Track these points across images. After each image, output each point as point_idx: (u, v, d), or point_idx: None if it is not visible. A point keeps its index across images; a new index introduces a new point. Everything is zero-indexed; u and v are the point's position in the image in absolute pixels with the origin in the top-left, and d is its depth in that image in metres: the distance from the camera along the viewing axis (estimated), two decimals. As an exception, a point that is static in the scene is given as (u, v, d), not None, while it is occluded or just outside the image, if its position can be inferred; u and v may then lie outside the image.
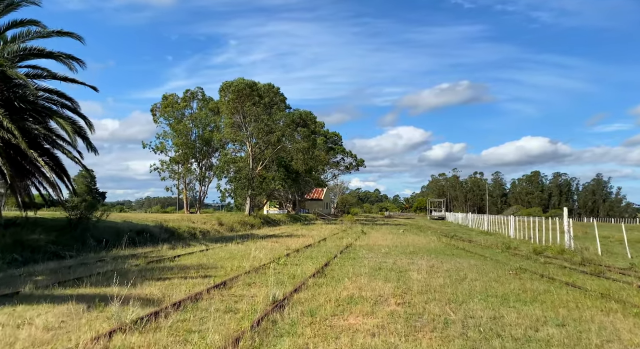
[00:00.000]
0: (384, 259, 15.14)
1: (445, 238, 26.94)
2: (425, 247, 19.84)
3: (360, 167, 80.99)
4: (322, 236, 26.30)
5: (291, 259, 14.62)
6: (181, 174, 52.47)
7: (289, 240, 22.36)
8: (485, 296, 8.91)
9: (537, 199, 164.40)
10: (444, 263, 14.25)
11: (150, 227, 23.82)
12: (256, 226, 38.83)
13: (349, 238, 24.49)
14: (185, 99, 51.98)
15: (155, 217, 32.48)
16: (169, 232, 25.16)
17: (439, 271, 12.34)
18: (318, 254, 15.91)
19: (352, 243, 21.45)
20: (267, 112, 40.38)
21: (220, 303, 7.90)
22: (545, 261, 15.77)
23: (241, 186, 40.48)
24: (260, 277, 10.69)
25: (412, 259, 15.37)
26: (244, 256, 14.62)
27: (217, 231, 31.28)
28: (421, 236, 28.72)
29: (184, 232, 26.51)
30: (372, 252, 17.45)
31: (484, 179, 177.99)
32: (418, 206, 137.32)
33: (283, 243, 20.45)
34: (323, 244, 20.60)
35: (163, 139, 52.30)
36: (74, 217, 18.38)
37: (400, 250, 18.29)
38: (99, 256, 15.13)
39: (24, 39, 16.44)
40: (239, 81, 38.62)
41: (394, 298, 8.48)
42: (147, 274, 10.79)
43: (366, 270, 12.18)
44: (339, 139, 77.83)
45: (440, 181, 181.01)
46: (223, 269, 11.82)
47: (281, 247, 18.44)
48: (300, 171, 45.84)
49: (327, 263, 13.48)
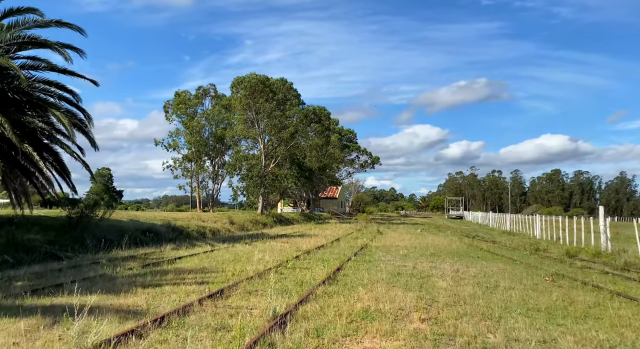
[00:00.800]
0: (402, 262, 13.81)
1: (466, 239, 25.41)
2: (447, 249, 18.41)
3: (375, 165, 79.58)
4: (335, 236, 25.05)
5: (300, 262, 13.39)
6: (194, 172, 51.74)
7: (301, 240, 21.15)
8: (526, 310, 7.54)
9: (558, 197, 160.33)
10: (470, 267, 12.85)
11: (157, 227, 22.90)
12: (268, 225, 37.79)
13: (364, 238, 23.17)
14: (198, 96, 51.18)
15: (166, 215, 31.64)
16: (177, 231, 24.23)
17: (466, 277, 10.97)
18: (330, 257, 14.66)
19: (368, 244, 20.14)
20: (280, 108, 39.26)
21: (212, 317, 6.71)
22: (582, 265, 14.22)
23: (253, 184, 39.46)
24: (263, 283, 9.48)
25: (433, 262, 14.00)
26: (250, 258, 13.45)
27: (228, 230, 30.30)
28: (441, 236, 27.22)
29: (192, 232, 25.57)
30: (390, 254, 16.13)
31: (502, 178, 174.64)
32: (435, 205, 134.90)
33: (294, 244, 19.26)
34: (336, 245, 19.34)
35: (176, 137, 51.66)
36: (74, 216, 17.49)
37: (420, 252, 16.91)
38: (96, 257, 14.14)
39: (20, 28, 15.56)
40: (251, 77, 37.56)
41: (417, 312, 7.18)
42: (138, 280, 9.68)
43: (383, 276, 10.87)
44: (353, 137, 76.48)
45: (458, 179, 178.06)
46: (224, 274, 10.66)
47: (291, 248, 17.24)
48: (314, 169, 44.60)
49: (339, 266, 12.21)
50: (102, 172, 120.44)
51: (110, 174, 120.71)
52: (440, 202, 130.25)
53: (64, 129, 14.84)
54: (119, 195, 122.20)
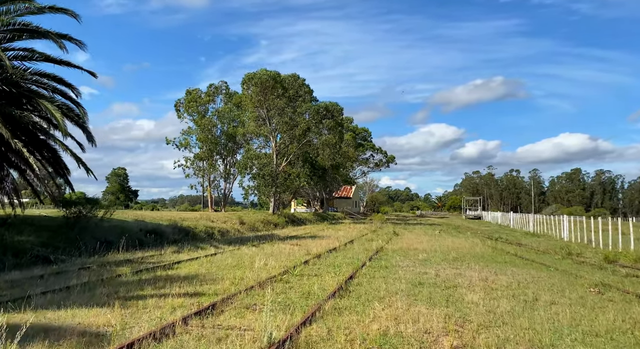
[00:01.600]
0: (423, 268, 12.43)
1: (489, 241, 23.83)
2: (470, 253, 16.93)
3: (390, 164, 77.84)
4: (349, 237, 23.71)
5: (309, 268, 12.11)
6: (205, 171, 50.91)
7: (312, 242, 19.87)
8: (582, 335, 6.12)
9: (578, 197, 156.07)
10: (500, 275, 11.41)
11: (162, 227, 21.88)
12: (280, 225, 36.62)
13: (380, 240, 21.79)
14: (209, 94, 50.33)
15: (175, 215, 30.71)
16: (183, 232, 23.19)
17: (498, 288, 9.55)
18: (343, 262, 13.34)
19: (384, 247, 18.77)
20: (291, 104, 38.04)
21: (196, 342, 5.47)
22: (627, 272, 12.64)
23: (264, 183, 38.34)
24: (264, 295, 8.22)
25: (458, 268, 12.59)
26: (254, 264, 12.20)
27: (238, 231, 29.22)
28: (461, 237, 25.65)
29: (200, 232, 24.52)
30: (408, 258, 14.74)
31: (520, 177, 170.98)
32: (452, 205, 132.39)
33: (304, 246, 17.99)
34: (350, 248, 18.01)
35: (187, 135, 50.93)
36: (72, 216, 16.51)
37: (441, 256, 15.48)
38: (90, 261, 13.08)
39: (12, 15, 14.61)
40: (262, 72, 36.42)
41: (447, 337, 5.83)
42: (121, 290, 8.52)
43: (403, 286, 9.53)
44: (368, 135, 74.91)
45: (475, 178, 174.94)
46: (222, 283, 9.43)
47: (301, 251, 15.97)
48: (327, 167, 43.27)
49: (352, 274, 10.90)
50: (118, 172, 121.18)
51: (125, 174, 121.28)
52: (457, 202, 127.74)
53: (56, 122, 13.80)
54: (134, 194, 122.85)
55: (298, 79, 37.23)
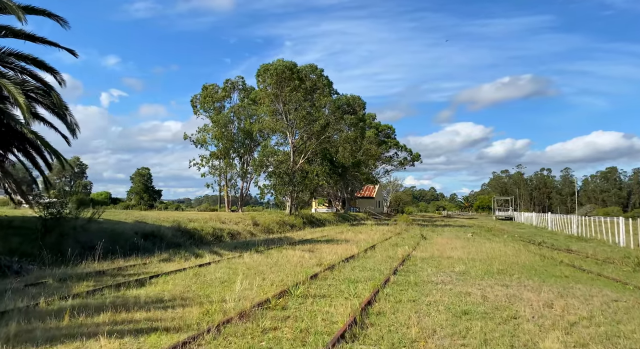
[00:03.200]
0: (463, 285, 9.68)
1: (532, 246, 20.71)
2: (516, 262, 14.02)
3: (415, 163, 74.37)
4: (370, 241, 21.03)
5: (317, 284, 9.53)
6: (221, 169, 48.95)
7: (327, 248, 17.27)
8: None
9: (614, 197, 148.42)
10: (568, 297, 8.56)
11: (162, 230, 19.69)
12: (297, 226, 34.18)
13: (406, 246, 19.02)
14: (226, 89, 48.28)
15: (184, 216, 28.64)
16: (187, 234, 20.99)
17: (577, 321, 6.75)
18: (361, 276, 10.72)
19: (411, 254, 16.02)
20: (309, 98, 35.54)
21: None
22: None
23: (281, 181, 35.97)
24: (243, 334, 5.70)
25: (507, 285, 9.79)
26: (249, 278, 9.73)
27: (250, 233, 26.93)
28: (498, 242, 22.56)
29: (206, 235, 22.29)
30: (442, 270, 12.00)
31: (552, 176, 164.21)
32: (480, 205, 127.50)
33: (318, 252, 15.44)
34: (370, 255, 15.34)
35: (204, 133, 49.03)
36: (50, 218, 14.41)
37: (483, 267, 12.65)
38: (54, 273, 10.87)
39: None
40: (278, 63, 34.05)
41: None
42: (39, 329, 6.12)
43: (441, 317, 6.84)
44: (391, 132, 71.71)
45: (503, 178, 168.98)
46: (193, 310, 6.96)
47: (312, 260, 13.40)
48: (347, 165, 40.59)
49: (372, 296, 8.26)
50: (142, 172, 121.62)
51: (149, 174, 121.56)
52: (485, 202, 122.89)
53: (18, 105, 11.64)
54: (158, 194, 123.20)
55: (316, 70, 34.67)
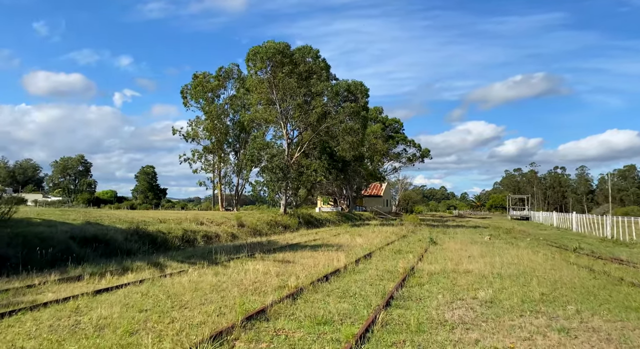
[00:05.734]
0: (496, 331, 5.91)
1: (568, 253, 16.75)
2: (558, 279, 10.17)
3: (425, 159, 70.20)
4: (368, 246, 17.27)
5: (264, 327, 5.82)
6: (215, 165, 45.47)
7: (309, 258, 13.50)
8: None
9: (633, 196, 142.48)
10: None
11: (111, 233, 16.11)
12: (291, 227, 30.47)
13: (411, 254, 15.22)
14: (219, 78, 44.71)
15: (163, 215, 25.15)
16: (147, 238, 17.42)
17: None
18: (334, 310, 6.96)
19: (416, 266, 12.21)
20: (304, 84, 31.78)
21: None
22: None
23: (275, 177, 32.29)
24: None
25: (567, 330, 6.03)
26: (149, 322, 6.06)
27: (232, 236, 23.32)
28: (524, 248, 18.60)
29: (173, 239, 18.70)
30: (459, 297, 8.21)
31: (566, 175, 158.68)
32: (493, 204, 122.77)
33: (292, 266, 11.72)
34: (362, 269, 11.57)
35: (196, 126, 45.59)
36: None
37: (517, 290, 8.81)
38: None
39: None
40: (269, 45, 30.35)
41: None
42: None
43: None
44: (399, 127, 67.70)
45: (516, 176, 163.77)
46: None
47: (275, 279, 9.63)
48: (349, 159, 36.77)
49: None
50: (147, 170, 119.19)
51: (154, 172, 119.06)
52: (498, 201, 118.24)
53: None
54: (162, 193, 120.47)
55: (310, 51, 30.86)
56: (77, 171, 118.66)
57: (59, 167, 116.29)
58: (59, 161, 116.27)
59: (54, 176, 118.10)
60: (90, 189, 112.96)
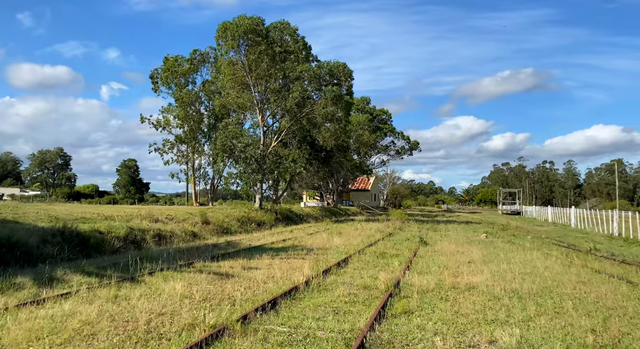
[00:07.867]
0: None
1: (586, 256, 13.94)
2: (596, 299, 7.29)
3: (414, 152, 67.37)
4: (347, 249, 14.27)
5: None
6: (187, 156, 42.09)
7: (264, 269, 10.43)
8: None
9: (620, 190, 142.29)
10: None
11: (20, 233, 12.83)
12: (266, 224, 27.39)
13: (397, 259, 12.25)
14: (193, 62, 41.19)
15: (103, 211, 21.75)
16: (76, 240, 14.16)
17: None
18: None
19: (402, 279, 9.24)
20: (281, 65, 28.60)
21: None
22: None
23: (249, 168, 29.14)
24: None
25: None
26: None
27: (194, 235, 20.19)
28: (530, 249, 15.72)
29: (112, 240, 15.43)
30: (466, 339, 5.23)
31: (554, 169, 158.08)
32: (482, 198, 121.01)
33: (238, 283, 8.66)
34: (329, 285, 8.54)
35: (167, 113, 42.11)
36: None
37: (549, 322, 5.88)
38: None
39: None
40: (241, 20, 27.03)
41: None
42: None
43: None
44: (387, 118, 64.72)
45: (504, 171, 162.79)
46: None
47: (210, 303, 6.60)
48: (331, 148, 33.72)
49: None
50: (128, 164, 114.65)
51: (136, 166, 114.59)
52: (487, 196, 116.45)
53: None
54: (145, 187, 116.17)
55: (288, 28, 27.63)
56: (55, 164, 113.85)
57: (36, 160, 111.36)
58: (36, 154, 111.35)
59: (32, 169, 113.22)
60: (70, 183, 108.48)
